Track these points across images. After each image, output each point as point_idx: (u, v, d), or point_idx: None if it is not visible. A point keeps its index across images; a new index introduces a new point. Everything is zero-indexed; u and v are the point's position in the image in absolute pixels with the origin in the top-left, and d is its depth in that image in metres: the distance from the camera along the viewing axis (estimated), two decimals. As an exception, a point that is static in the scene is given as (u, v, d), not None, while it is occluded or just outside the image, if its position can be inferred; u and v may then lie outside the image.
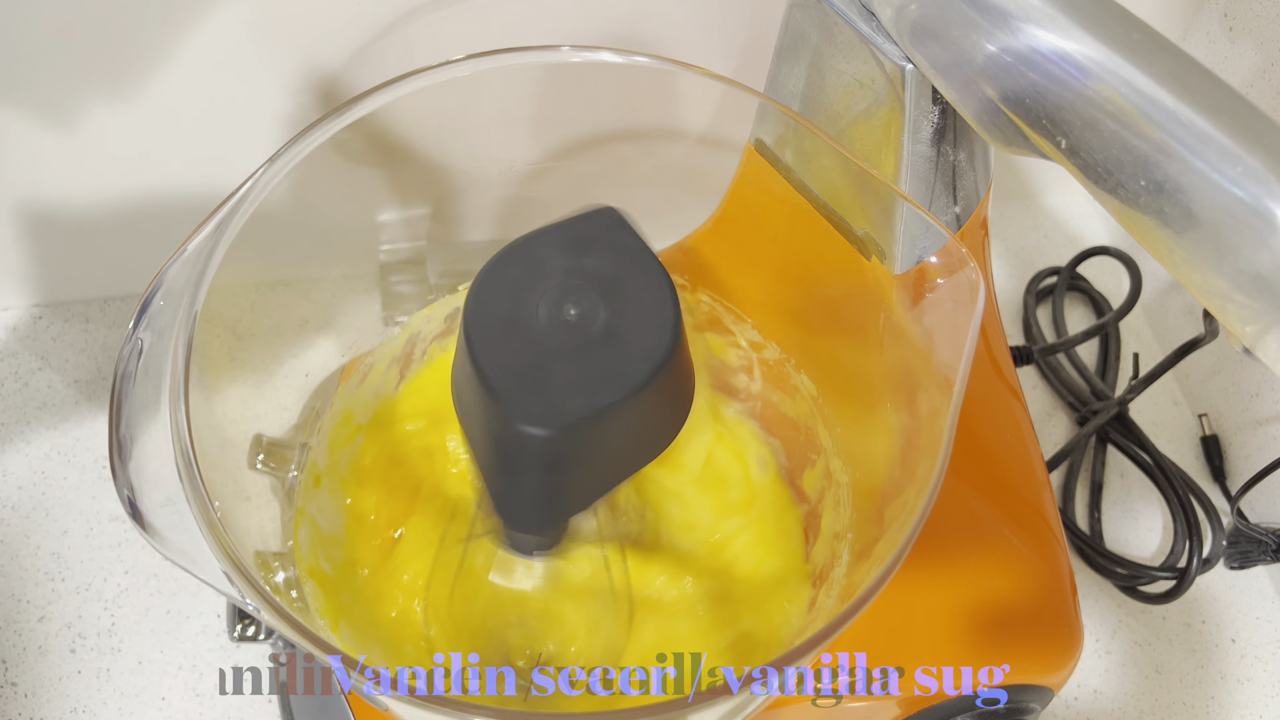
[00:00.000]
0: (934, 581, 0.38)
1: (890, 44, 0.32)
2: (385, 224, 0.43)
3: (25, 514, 0.49)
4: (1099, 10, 0.26)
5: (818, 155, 0.36)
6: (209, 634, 0.46)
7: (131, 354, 0.29)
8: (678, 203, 0.42)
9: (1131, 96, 0.25)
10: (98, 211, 0.50)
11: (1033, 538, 0.40)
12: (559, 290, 0.28)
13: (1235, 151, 0.24)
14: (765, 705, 0.35)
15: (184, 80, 0.44)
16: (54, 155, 0.47)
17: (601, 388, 0.27)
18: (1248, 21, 0.49)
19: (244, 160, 0.34)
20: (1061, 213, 0.62)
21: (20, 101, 0.44)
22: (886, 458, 0.35)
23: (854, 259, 0.36)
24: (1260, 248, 0.23)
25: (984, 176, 0.37)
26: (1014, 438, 0.42)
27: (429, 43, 0.44)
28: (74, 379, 0.52)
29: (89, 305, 0.55)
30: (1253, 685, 0.48)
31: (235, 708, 0.44)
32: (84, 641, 0.45)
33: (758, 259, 0.42)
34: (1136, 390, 0.50)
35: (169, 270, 0.30)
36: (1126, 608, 0.49)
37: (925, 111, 0.33)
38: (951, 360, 0.30)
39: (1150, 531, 0.51)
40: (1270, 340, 0.24)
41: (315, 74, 0.45)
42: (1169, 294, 0.56)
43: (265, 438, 0.37)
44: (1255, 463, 0.51)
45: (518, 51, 0.35)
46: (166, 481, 0.27)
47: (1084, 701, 0.47)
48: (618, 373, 0.27)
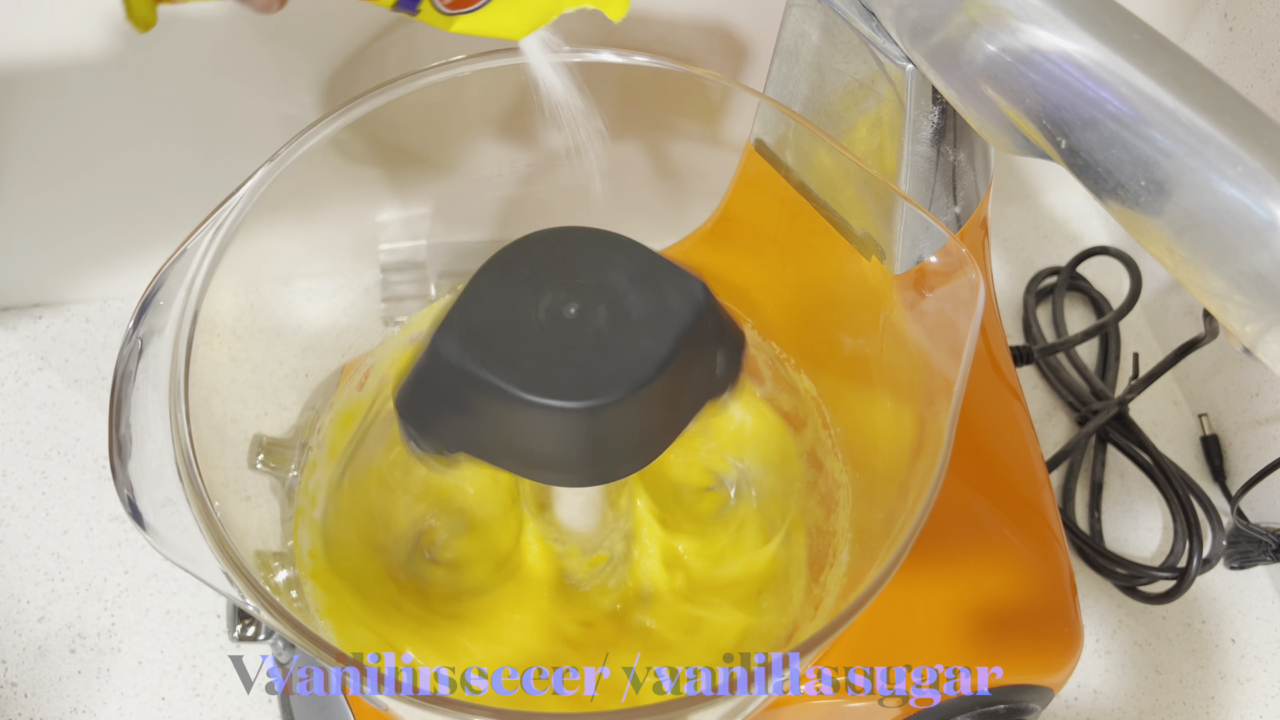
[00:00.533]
0: (934, 581, 0.38)
1: (890, 44, 0.32)
2: (385, 224, 0.43)
3: (25, 514, 0.49)
4: (1099, 10, 0.26)
5: (818, 155, 0.36)
6: (209, 634, 0.46)
7: (131, 354, 0.29)
8: (678, 203, 0.42)
9: (1131, 96, 0.25)
10: (98, 211, 0.50)
11: (1033, 538, 0.40)
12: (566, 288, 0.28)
13: (1235, 151, 0.24)
14: (765, 705, 0.35)
15: (184, 80, 0.44)
16: (54, 155, 0.47)
17: (550, 384, 0.26)
18: (1248, 21, 0.49)
19: (244, 160, 0.34)
20: (1061, 213, 0.62)
21: (20, 101, 0.44)
22: (886, 457, 0.35)
23: (854, 259, 0.36)
24: (1260, 248, 0.23)
25: (984, 176, 0.37)
26: (1014, 438, 0.42)
27: (429, 43, 0.44)
28: (74, 379, 0.52)
29: (89, 305, 0.55)
30: (1253, 685, 0.48)
31: (235, 708, 0.44)
32: (84, 641, 0.45)
33: (758, 259, 0.42)
34: (1136, 390, 0.50)
35: (169, 270, 0.30)
36: (1126, 608, 0.49)
37: (925, 111, 0.33)
38: (951, 360, 0.30)
39: (1150, 531, 0.51)
40: (1270, 340, 0.24)
41: (315, 74, 0.45)
42: (1169, 294, 0.56)
43: (265, 438, 0.37)
44: (1255, 463, 0.51)
45: (518, 51, 0.35)
46: (166, 481, 0.27)
47: (1084, 701, 0.47)
48: (609, 373, 0.26)
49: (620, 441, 0.28)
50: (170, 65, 0.44)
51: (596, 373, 0.26)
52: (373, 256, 0.43)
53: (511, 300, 0.28)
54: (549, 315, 0.27)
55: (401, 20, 0.44)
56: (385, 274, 0.43)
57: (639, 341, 0.27)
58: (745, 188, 0.41)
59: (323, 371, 0.40)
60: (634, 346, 0.27)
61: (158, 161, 0.48)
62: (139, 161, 0.48)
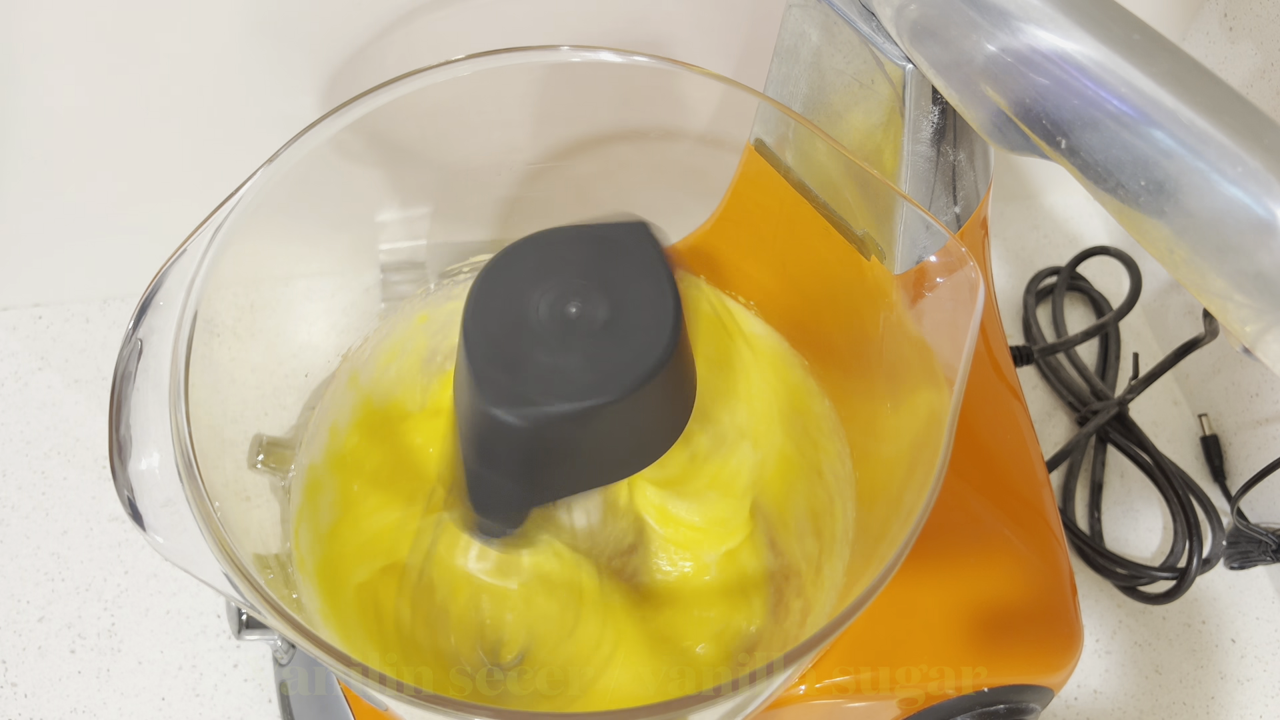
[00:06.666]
0: (934, 581, 0.38)
1: (890, 44, 0.32)
2: (385, 224, 0.43)
3: (25, 514, 0.49)
4: (1099, 10, 0.26)
5: (818, 155, 0.36)
6: (209, 634, 0.46)
7: (131, 354, 0.29)
8: (678, 203, 0.42)
9: (1131, 96, 0.25)
10: (98, 211, 0.50)
11: (1033, 538, 0.40)
12: (564, 288, 0.28)
13: (1235, 151, 0.24)
14: (765, 705, 0.35)
15: (184, 80, 0.44)
16: (54, 155, 0.47)
17: (580, 388, 0.26)
18: (1248, 21, 0.49)
19: (244, 160, 0.34)
20: (1061, 213, 0.62)
21: (20, 102, 0.44)
22: (886, 457, 0.35)
23: (854, 259, 0.36)
24: (1260, 248, 0.23)
25: (984, 176, 0.37)
26: (1014, 438, 0.42)
27: (429, 43, 0.45)
28: (74, 379, 0.52)
29: (89, 305, 0.55)
30: (1253, 685, 0.48)
31: (235, 708, 0.44)
32: (84, 641, 0.45)
33: (758, 259, 0.42)
34: (1136, 390, 0.50)
35: (169, 270, 0.30)
36: (1126, 608, 0.49)
37: (925, 111, 0.33)
38: (951, 360, 0.30)
39: (1150, 531, 0.51)
40: (1270, 340, 0.24)
41: (315, 74, 0.45)
42: (1169, 294, 0.56)
43: (265, 438, 0.36)
44: (1255, 463, 0.51)
45: (518, 51, 0.35)
46: (166, 481, 0.27)
47: (1084, 701, 0.47)
48: (601, 376, 0.27)
49: (657, 423, 0.29)
50: (170, 65, 0.44)
51: (622, 359, 0.27)
52: (373, 256, 0.43)
53: (516, 317, 0.28)
54: (552, 317, 0.28)
55: (401, 20, 0.44)
56: (385, 274, 0.43)
57: (642, 331, 0.28)
58: (745, 188, 0.41)
59: (323, 371, 0.40)
60: (638, 336, 0.28)
61: (158, 161, 0.48)
62: (139, 161, 0.48)
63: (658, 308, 0.28)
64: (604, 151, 0.42)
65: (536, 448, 0.28)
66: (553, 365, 0.27)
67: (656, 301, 0.28)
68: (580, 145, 0.41)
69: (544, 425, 0.27)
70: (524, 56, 0.35)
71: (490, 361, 0.27)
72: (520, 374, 0.27)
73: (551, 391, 0.26)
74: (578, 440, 0.28)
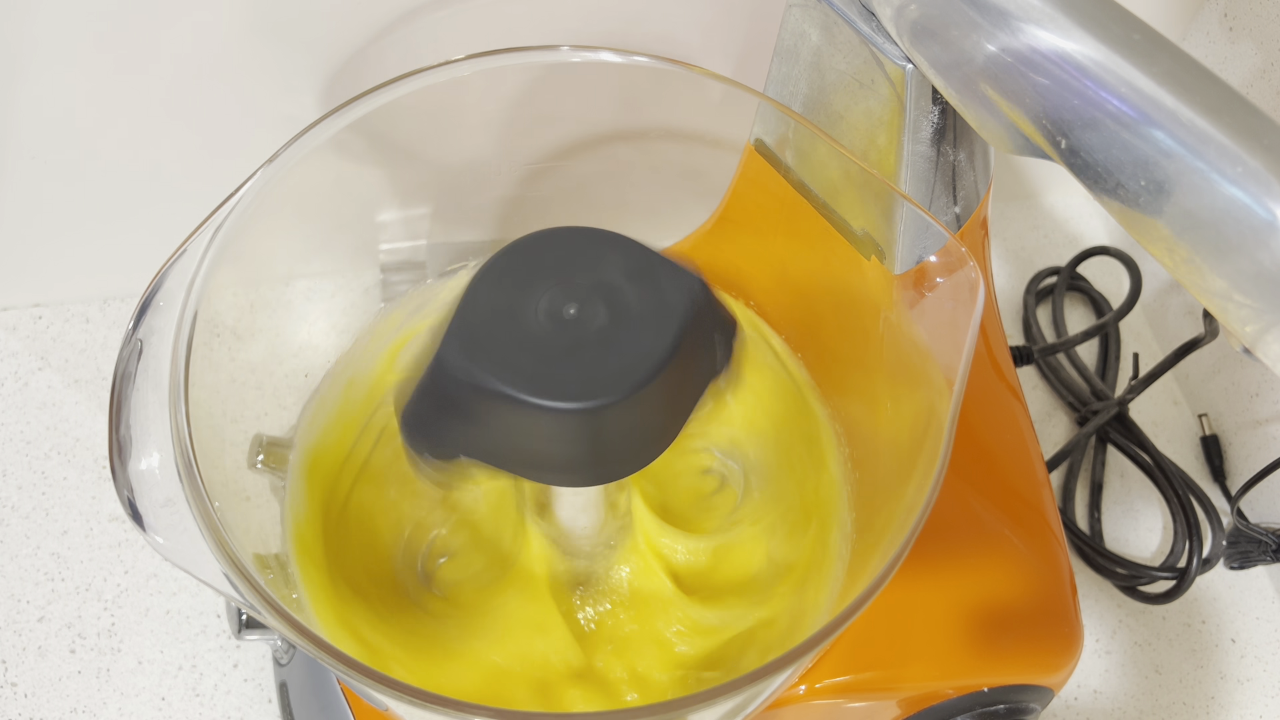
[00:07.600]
0: (934, 581, 0.38)
1: (890, 44, 0.32)
2: (385, 224, 0.43)
3: (25, 514, 0.49)
4: (1099, 10, 0.26)
5: (818, 155, 0.36)
6: (209, 634, 0.46)
7: (131, 354, 0.29)
8: (678, 203, 0.42)
9: (1131, 96, 0.25)
10: (98, 211, 0.50)
11: (1033, 538, 0.40)
12: (565, 287, 0.28)
13: (1235, 151, 0.23)
14: (765, 705, 0.35)
15: (185, 80, 0.44)
16: (54, 155, 0.47)
17: (524, 379, 0.26)
18: (1248, 21, 0.49)
19: (244, 160, 0.34)
20: (1061, 213, 0.62)
21: (20, 102, 0.44)
22: (886, 457, 0.35)
23: (854, 259, 0.36)
24: (1260, 248, 0.23)
25: (984, 176, 0.37)
26: (1014, 438, 0.42)
27: (429, 43, 0.45)
28: (74, 379, 0.52)
29: (89, 305, 0.55)
30: (1253, 685, 0.48)
31: (235, 708, 0.44)
32: (84, 641, 0.45)
33: (758, 259, 0.42)
34: (1136, 390, 0.50)
35: (169, 270, 0.30)
36: (1126, 608, 0.49)
37: (925, 111, 0.33)
38: (951, 360, 0.30)
39: (1150, 531, 0.51)
40: (1270, 340, 0.24)
41: (315, 74, 0.45)
42: (1169, 294, 0.56)
43: (265, 438, 0.36)
44: (1255, 463, 0.51)
45: (518, 51, 0.35)
46: (166, 481, 0.27)
47: (1084, 701, 0.47)
48: (555, 381, 0.26)
49: (624, 440, 0.28)
50: (171, 65, 0.44)
51: (599, 372, 0.26)
52: (373, 256, 0.43)
53: (511, 303, 0.27)
54: (548, 316, 0.27)
55: (402, 20, 0.44)
56: (385, 274, 0.43)
57: (640, 340, 0.27)
58: (745, 188, 0.41)
59: (323, 371, 0.40)
60: (635, 345, 0.27)
61: (157, 161, 0.48)
62: (138, 161, 0.48)
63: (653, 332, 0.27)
64: (604, 151, 0.42)
65: (460, 401, 0.27)
66: (525, 357, 0.26)
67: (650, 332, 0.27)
68: (580, 145, 0.41)
69: (470, 388, 0.26)
70: (524, 56, 0.35)
71: (471, 326, 0.27)
72: (489, 348, 0.26)
73: (502, 372, 0.26)
74: (485, 416, 0.27)
